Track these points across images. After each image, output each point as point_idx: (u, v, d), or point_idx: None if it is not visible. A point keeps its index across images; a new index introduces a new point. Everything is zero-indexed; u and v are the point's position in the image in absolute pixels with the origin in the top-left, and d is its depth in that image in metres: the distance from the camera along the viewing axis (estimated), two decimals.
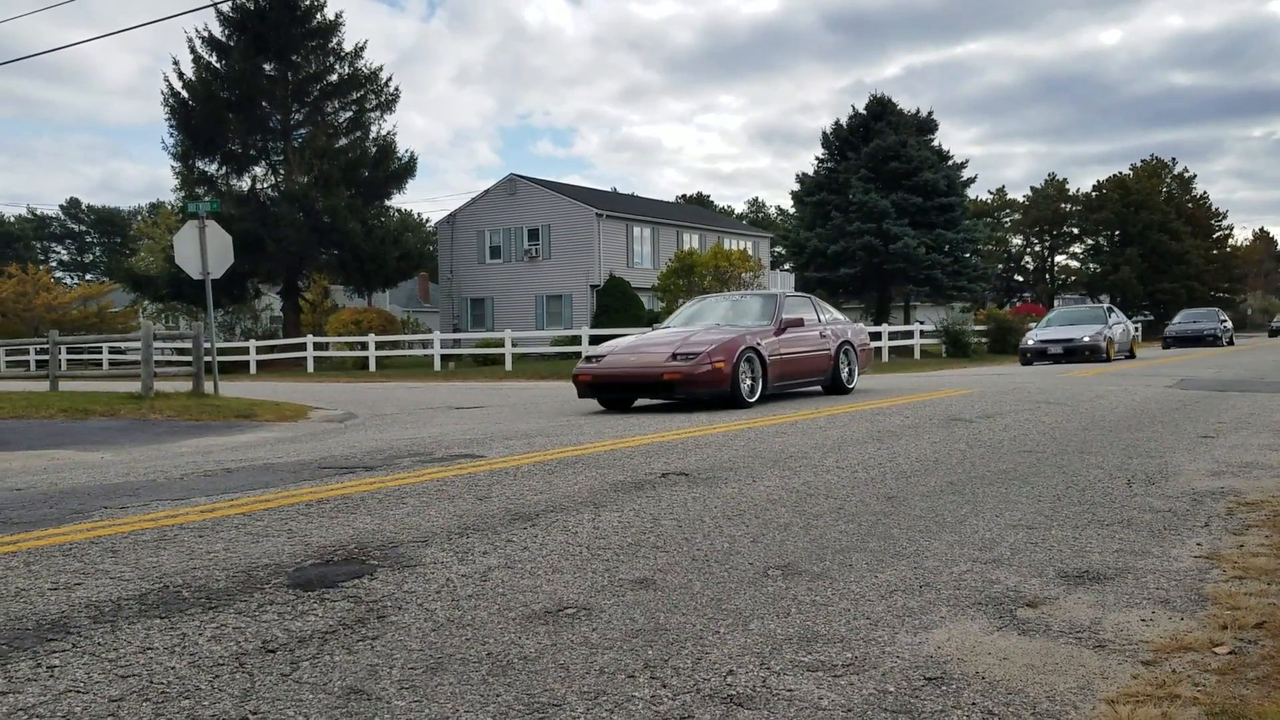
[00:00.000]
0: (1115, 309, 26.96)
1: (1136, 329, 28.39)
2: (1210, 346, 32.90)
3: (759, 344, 11.74)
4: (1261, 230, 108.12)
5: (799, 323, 12.57)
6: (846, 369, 13.41)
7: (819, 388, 13.29)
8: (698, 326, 12.66)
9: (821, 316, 13.53)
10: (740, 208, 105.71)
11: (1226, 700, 2.47)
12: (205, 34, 38.76)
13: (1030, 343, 24.54)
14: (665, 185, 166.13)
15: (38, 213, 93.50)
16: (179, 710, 2.47)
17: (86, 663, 2.81)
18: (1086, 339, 23.16)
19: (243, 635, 3.04)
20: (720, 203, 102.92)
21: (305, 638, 3.01)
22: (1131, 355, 25.61)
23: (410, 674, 2.71)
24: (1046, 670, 2.70)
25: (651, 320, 31.75)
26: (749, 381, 11.43)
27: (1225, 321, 37.31)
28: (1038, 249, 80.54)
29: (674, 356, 11.20)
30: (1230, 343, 36.04)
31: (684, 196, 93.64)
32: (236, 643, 2.97)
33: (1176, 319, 39.66)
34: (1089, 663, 2.76)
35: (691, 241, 45.84)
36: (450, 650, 2.89)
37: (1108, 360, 22.55)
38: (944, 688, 2.58)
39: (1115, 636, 2.98)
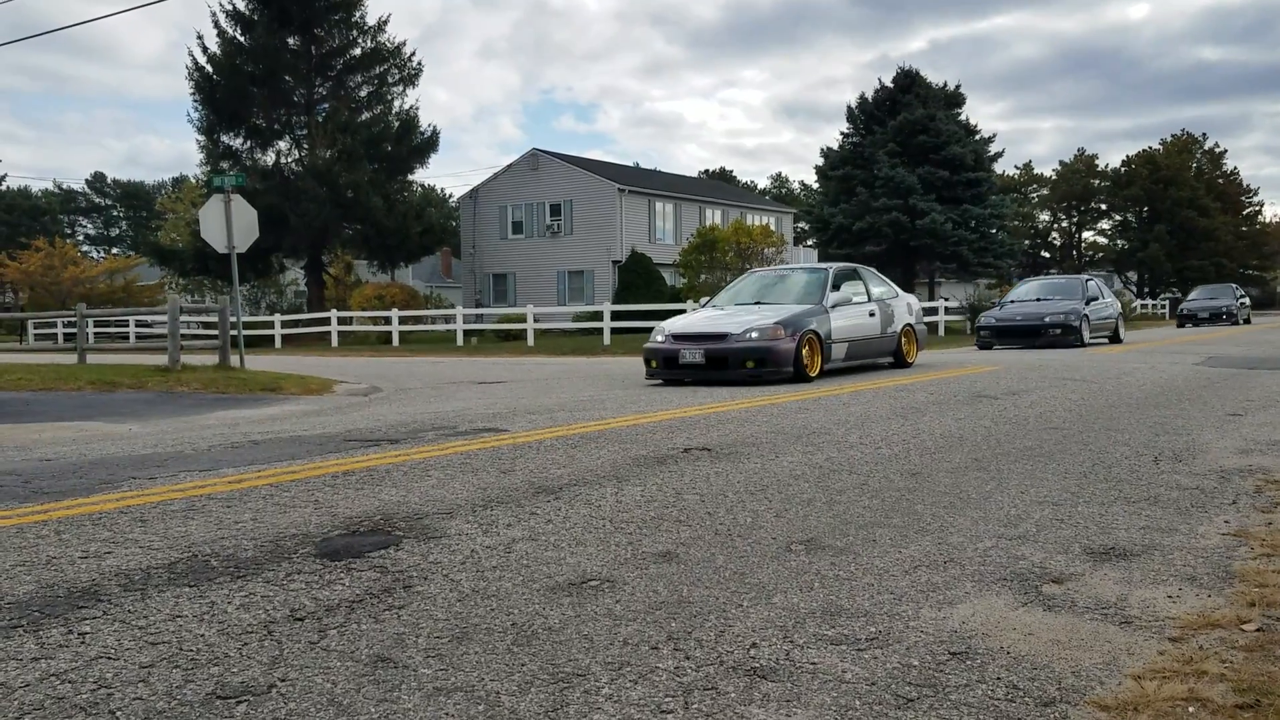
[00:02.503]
0: (873, 277, 14.01)
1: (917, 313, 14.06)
2: (1061, 348, 18.47)
3: None
4: None
5: None
6: None
7: None
8: None
9: None
10: (764, 183, 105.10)
11: (1254, 677, 2.46)
12: (229, 7, 38.80)
13: (660, 339, 11.97)
14: (687, 161, 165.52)
15: (64, 187, 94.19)
16: (209, 677, 2.50)
17: (117, 630, 2.85)
18: (754, 335, 11.20)
19: (271, 604, 3.07)
20: (743, 178, 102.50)
21: (333, 607, 3.04)
22: (899, 361, 13.44)
23: (436, 643, 2.73)
24: (1072, 646, 2.69)
25: (674, 296, 31.71)
26: None
27: (1099, 299, 20.94)
28: (1065, 225, 79.72)
29: None
30: (1116, 338, 21.00)
31: (707, 172, 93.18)
32: (265, 611, 3.00)
33: (1015, 292, 22.86)
34: (1115, 639, 2.75)
35: (714, 217, 45.65)
36: (475, 620, 2.92)
37: (803, 377, 11.22)
38: (968, 662, 2.57)
39: (1142, 613, 2.96)
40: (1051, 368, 12.53)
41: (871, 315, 13.06)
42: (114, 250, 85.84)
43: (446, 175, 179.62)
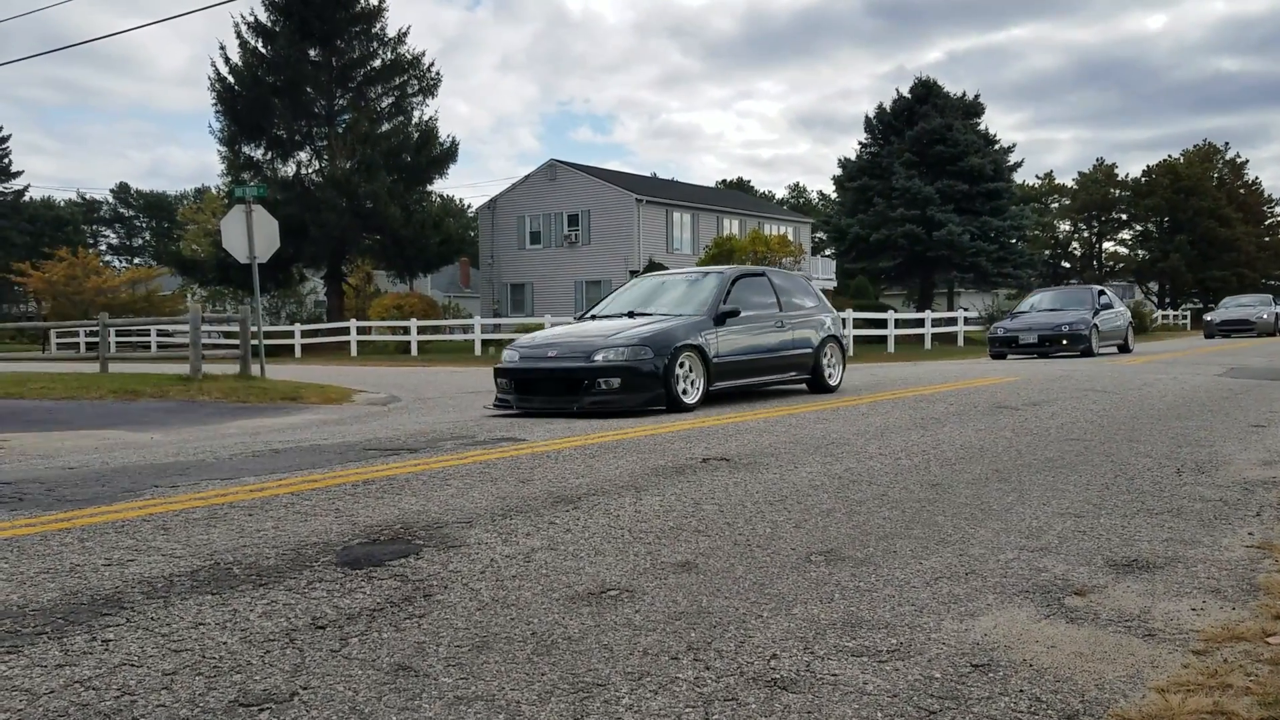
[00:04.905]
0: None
1: None
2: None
3: None
4: None
5: None
6: None
7: None
8: None
9: None
10: (781, 193, 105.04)
11: (1279, 690, 2.43)
12: (252, 20, 39.18)
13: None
14: (705, 171, 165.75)
15: (88, 197, 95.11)
16: (231, 684, 2.51)
17: (140, 637, 2.87)
18: None
19: (293, 612, 3.09)
20: (760, 188, 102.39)
21: (354, 615, 3.05)
22: None
23: (457, 652, 2.74)
24: (1095, 658, 2.67)
25: None
26: None
27: (753, 317, 10.78)
28: (1085, 235, 79.26)
29: None
30: (820, 384, 11.54)
31: (724, 182, 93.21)
32: (287, 619, 3.02)
33: (609, 300, 11.98)
34: (1138, 651, 2.73)
35: (731, 227, 45.68)
36: (495, 629, 2.92)
37: None
38: (991, 674, 2.56)
39: (1165, 625, 2.94)
40: (1073, 378, 12.46)
41: None
42: (136, 260, 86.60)
43: (465, 186, 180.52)
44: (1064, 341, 20.10)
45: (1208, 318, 35.70)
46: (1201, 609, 3.10)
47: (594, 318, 11.25)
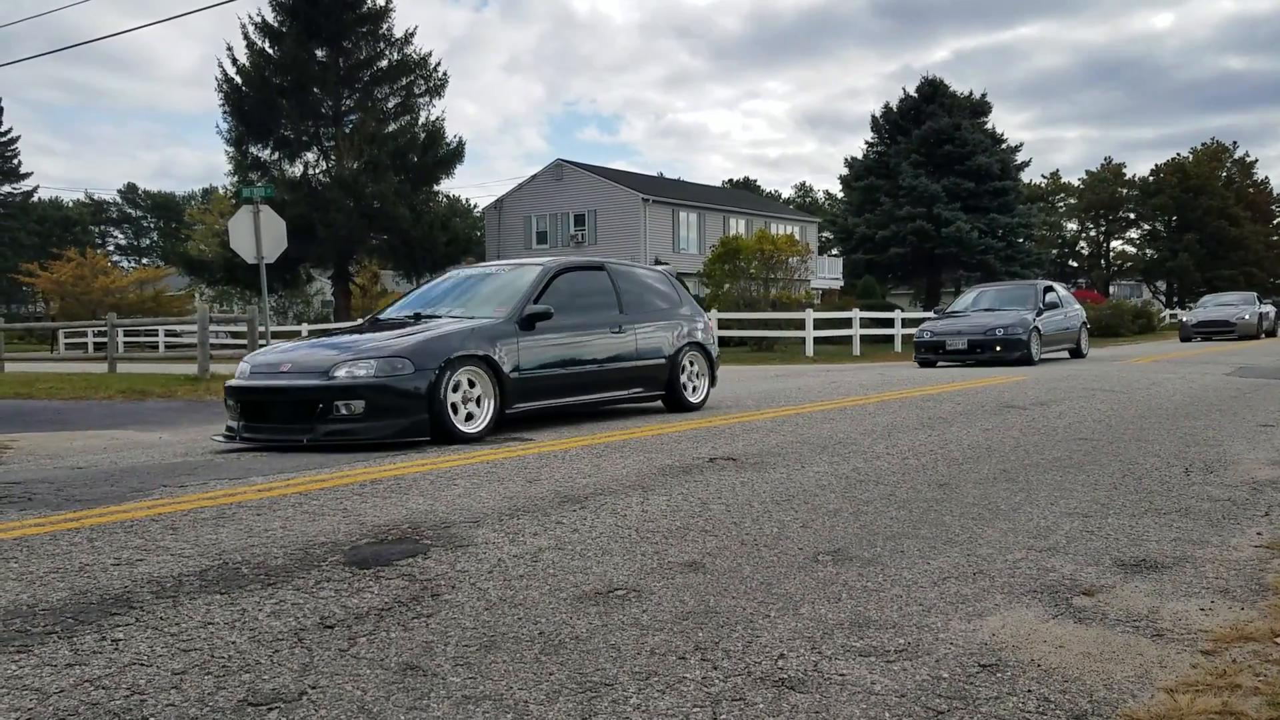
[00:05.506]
0: None
1: None
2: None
3: None
4: None
5: None
6: None
7: None
8: None
9: None
10: (787, 193, 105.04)
11: None
12: (259, 20, 39.24)
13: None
14: (711, 171, 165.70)
15: (95, 198, 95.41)
16: (240, 684, 2.52)
17: (150, 636, 2.88)
18: None
19: (301, 611, 3.09)
20: (767, 188, 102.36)
21: (362, 614, 3.06)
22: None
23: (465, 651, 2.74)
24: (1103, 659, 2.67)
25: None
26: None
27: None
28: (1093, 234, 79.06)
29: None
30: (689, 400, 9.64)
31: (730, 182, 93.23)
32: (295, 619, 3.02)
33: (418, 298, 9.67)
34: (1147, 652, 2.72)
35: (738, 226, 45.66)
36: (503, 629, 2.92)
37: None
38: (999, 675, 2.55)
39: (1174, 626, 2.93)
40: (1080, 378, 12.43)
41: None
42: (144, 261, 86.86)
43: (472, 186, 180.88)
44: (998, 348, 17.21)
45: (1184, 318, 31.64)
46: (1210, 609, 3.09)
47: (376, 321, 9.21)
